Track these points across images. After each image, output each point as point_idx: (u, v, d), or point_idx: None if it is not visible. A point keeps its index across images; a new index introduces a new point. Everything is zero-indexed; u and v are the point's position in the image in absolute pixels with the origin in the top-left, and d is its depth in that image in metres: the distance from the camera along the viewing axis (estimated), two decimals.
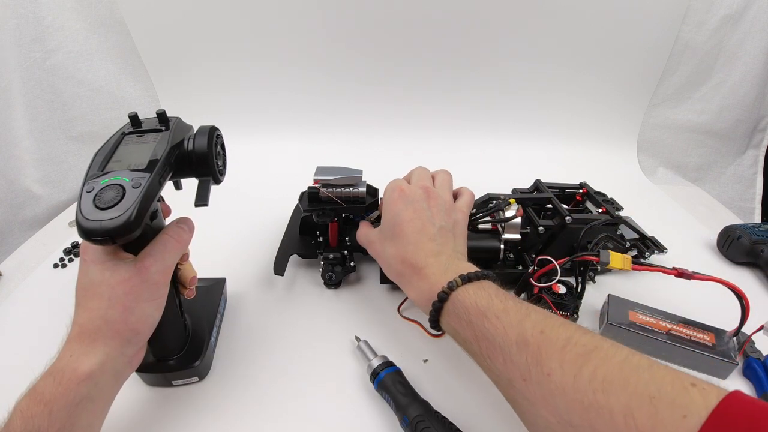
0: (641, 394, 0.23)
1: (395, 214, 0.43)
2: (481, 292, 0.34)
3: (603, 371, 0.25)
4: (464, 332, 0.34)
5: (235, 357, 0.45)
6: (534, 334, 0.29)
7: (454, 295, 0.35)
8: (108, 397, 0.32)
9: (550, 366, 0.27)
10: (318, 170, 0.51)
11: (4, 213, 0.72)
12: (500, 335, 0.30)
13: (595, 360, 0.26)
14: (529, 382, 0.28)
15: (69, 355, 0.30)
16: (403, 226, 0.42)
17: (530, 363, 0.28)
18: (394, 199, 0.44)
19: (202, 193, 0.35)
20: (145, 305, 0.32)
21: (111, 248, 0.32)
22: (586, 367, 0.26)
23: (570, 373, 0.26)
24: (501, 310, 0.32)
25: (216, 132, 0.37)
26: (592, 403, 0.24)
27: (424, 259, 0.39)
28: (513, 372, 0.29)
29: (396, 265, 0.41)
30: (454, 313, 0.34)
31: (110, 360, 0.31)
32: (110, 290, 0.31)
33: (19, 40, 0.71)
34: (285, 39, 0.82)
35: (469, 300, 0.34)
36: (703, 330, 0.46)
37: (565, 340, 0.28)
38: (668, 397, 0.23)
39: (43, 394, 0.28)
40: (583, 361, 0.26)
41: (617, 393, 0.24)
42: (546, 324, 0.30)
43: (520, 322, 0.30)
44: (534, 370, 0.28)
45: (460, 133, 0.93)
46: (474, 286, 0.35)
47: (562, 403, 0.26)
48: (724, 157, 0.93)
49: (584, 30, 0.82)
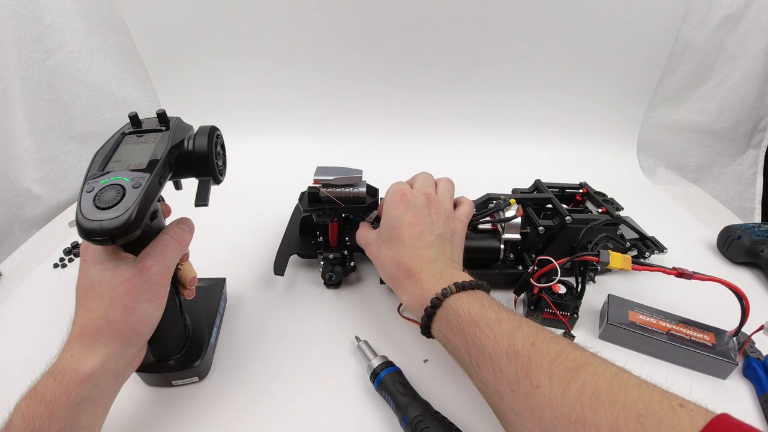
0: (629, 412, 0.23)
1: (395, 217, 0.43)
2: (475, 301, 0.34)
3: (592, 386, 0.25)
4: (455, 340, 0.33)
5: (235, 357, 0.45)
6: (525, 346, 0.29)
7: (447, 302, 0.35)
8: (109, 397, 0.32)
9: (539, 378, 0.27)
10: (318, 170, 0.51)
11: (4, 213, 0.72)
12: (491, 345, 0.30)
13: (585, 375, 0.26)
14: (517, 394, 0.28)
15: (70, 355, 0.30)
16: (401, 231, 0.42)
17: (519, 374, 0.28)
18: (395, 202, 0.44)
19: (202, 193, 0.35)
20: (145, 305, 0.32)
21: (111, 248, 0.32)
22: (575, 382, 0.26)
23: (559, 387, 0.26)
24: (493, 320, 0.32)
25: (216, 132, 0.37)
26: (579, 418, 0.24)
27: (420, 264, 0.39)
28: (502, 383, 0.29)
29: (391, 269, 0.41)
30: (446, 321, 0.34)
31: (111, 360, 0.31)
32: (111, 290, 0.31)
33: (19, 40, 0.71)
34: (285, 39, 0.82)
35: (462, 308, 0.34)
36: (703, 330, 0.46)
37: (555, 354, 0.28)
38: (656, 416, 0.23)
39: (44, 395, 0.28)
40: (572, 375, 0.26)
41: (605, 409, 0.24)
42: (537, 337, 0.30)
43: (512, 333, 0.30)
44: (523, 381, 0.28)
45: (460, 133, 0.93)
46: (468, 295, 0.35)
47: (549, 417, 0.26)
48: (724, 157, 0.93)
49: (584, 30, 0.82)
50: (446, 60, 0.85)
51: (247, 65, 0.85)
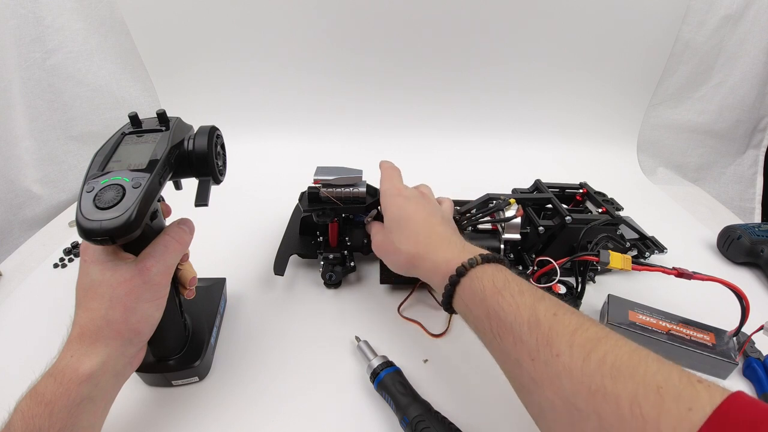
0: (649, 384, 0.23)
1: (399, 207, 0.44)
2: (498, 273, 0.34)
3: (612, 357, 0.25)
4: (477, 309, 0.34)
5: (235, 357, 0.45)
6: (547, 316, 0.29)
7: (473, 271, 0.35)
8: (109, 397, 0.32)
9: (559, 347, 0.27)
10: (318, 170, 0.50)
11: (4, 213, 0.72)
12: (513, 314, 0.30)
13: (605, 346, 0.26)
14: (537, 362, 0.28)
15: (70, 355, 0.30)
16: (410, 216, 0.43)
17: (540, 343, 0.28)
18: (394, 196, 0.45)
19: (202, 193, 0.36)
20: (146, 306, 0.32)
21: (111, 248, 0.32)
22: (596, 352, 0.26)
23: (579, 356, 0.26)
24: (516, 291, 0.32)
25: (216, 132, 0.37)
26: (599, 388, 0.24)
27: (438, 239, 0.40)
28: (521, 351, 0.29)
29: (409, 249, 0.41)
30: (470, 289, 0.35)
31: (111, 360, 0.31)
32: (111, 291, 0.31)
33: (19, 40, 0.71)
34: (285, 39, 0.82)
35: (487, 278, 0.34)
36: (703, 330, 0.46)
37: (577, 325, 0.28)
38: (675, 389, 0.23)
39: (44, 395, 0.28)
40: (593, 346, 0.26)
41: (625, 380, 0.24)
42: (559, 309, 0.30)
43: (534, 304, 0.31)
44: (543, 350, 0.28)
45: (460, 133, 0.93)
46: (492, 267, 0.35)
47: (568, 385, 0.26)
48: (724, 157, 0.93)
49: (584, 30, 0.82)
50: (446, 60, 0.85)
51: (248, 65, 0.85)
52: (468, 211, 0.54)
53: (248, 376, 0.43)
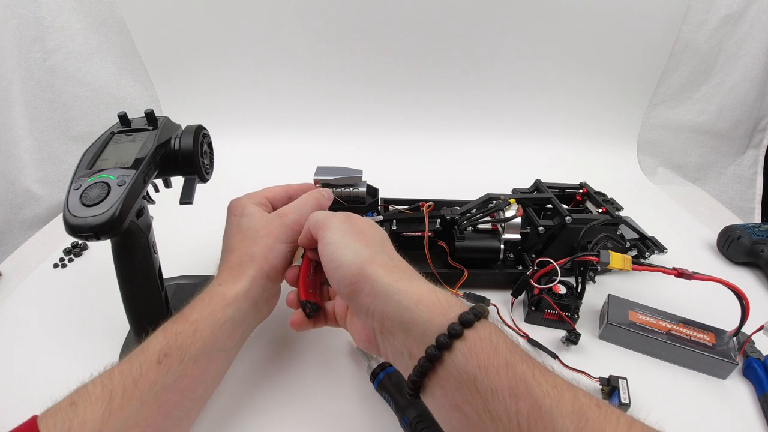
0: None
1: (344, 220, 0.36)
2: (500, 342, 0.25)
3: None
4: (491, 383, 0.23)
5: (235, 357, 0.45)
6: (591, 407, 0.22)
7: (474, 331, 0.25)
8: (246, 327, 0.36)
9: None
10: (318, 170, 0.51)
11: (4, 213, 0.72)
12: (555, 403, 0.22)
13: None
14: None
15: (218, 284, 0.35)
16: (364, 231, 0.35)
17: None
18: (337, 217, 0.35)
19: (188, 191, 0.37)
20: (281, 246, 0.38)
21: (256, 203, 0.40)
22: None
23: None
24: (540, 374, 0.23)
25: (202, 131, 0.37)
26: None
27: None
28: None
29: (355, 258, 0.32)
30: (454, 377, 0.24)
31: (253, 289, 0.35)
32: (255, 233, 0.37)
33: (19, 40, 0.71)
34: (285, 39, 0.82)
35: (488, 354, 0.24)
36: (703, 330, 0.46)
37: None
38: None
39: (191, 314, 0.32)
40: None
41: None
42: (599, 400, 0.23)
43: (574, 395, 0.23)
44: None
45: (460, 133, 0.93)
46: (487, 331, 0.25)
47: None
48: (724, 157, 0.93)
49: (584, 30, 0.82)
50: (446, 60, 0.85)
51: (248, 65, 0.85)
52: (468, 211, 0.54)
53: (247, 377, 0.43)
